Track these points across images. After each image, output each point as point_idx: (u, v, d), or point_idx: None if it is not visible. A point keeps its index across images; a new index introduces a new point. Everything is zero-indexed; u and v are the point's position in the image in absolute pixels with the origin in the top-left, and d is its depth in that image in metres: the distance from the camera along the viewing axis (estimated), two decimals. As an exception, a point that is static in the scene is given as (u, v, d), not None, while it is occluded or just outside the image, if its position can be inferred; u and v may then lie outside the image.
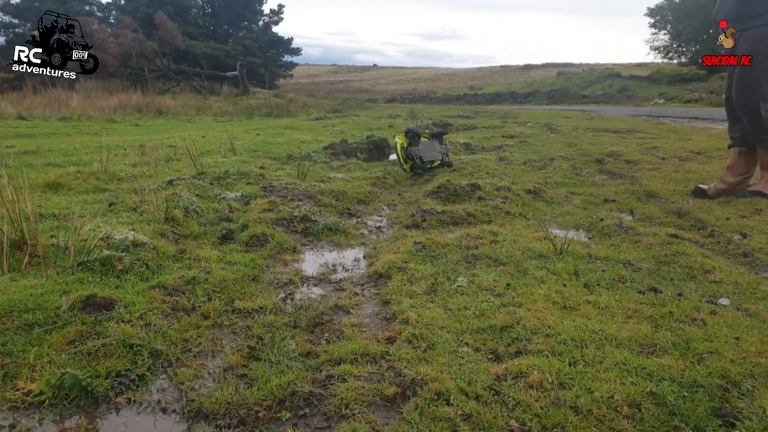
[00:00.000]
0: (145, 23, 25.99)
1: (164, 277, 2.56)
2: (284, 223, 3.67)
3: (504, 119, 14.25)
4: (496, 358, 1.96)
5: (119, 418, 1.69)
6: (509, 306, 2.35)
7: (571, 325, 2.14)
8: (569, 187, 5.10)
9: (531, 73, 49.23)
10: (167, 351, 2.01)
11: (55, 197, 3.80)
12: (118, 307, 2.20)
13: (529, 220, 3.90)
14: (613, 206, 4.33)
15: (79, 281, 2.39)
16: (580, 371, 1.78)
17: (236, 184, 4.59)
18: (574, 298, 2.42)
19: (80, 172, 4.57)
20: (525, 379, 1.75)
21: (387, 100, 36.41)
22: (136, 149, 6.40)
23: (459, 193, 4.45)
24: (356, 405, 1.71)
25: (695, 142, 8.06)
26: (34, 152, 6.15)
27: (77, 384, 1.71)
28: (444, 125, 11.47)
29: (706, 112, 15.83)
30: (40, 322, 2.05)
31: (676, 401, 1.57)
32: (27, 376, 1.77)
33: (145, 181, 4.48)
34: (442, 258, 3.04)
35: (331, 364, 1.95)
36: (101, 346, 1.93)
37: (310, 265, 3.12)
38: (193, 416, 1.69)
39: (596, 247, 3.19)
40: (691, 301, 2.33)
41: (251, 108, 19.12)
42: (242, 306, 2.43)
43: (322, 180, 5.15)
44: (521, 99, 31.64)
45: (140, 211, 3.49)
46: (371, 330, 2.27)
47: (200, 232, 3.38)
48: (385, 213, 4.45)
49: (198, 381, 1.88)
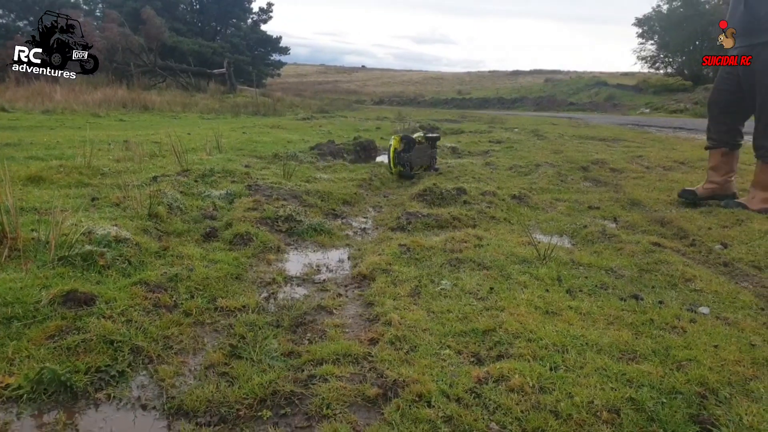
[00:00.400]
0: (131, 17, 25.68)
1: (146, 273, 2.53)
2: (269, 223, 3.65)
3: (491, 124, 14.36)
4: (477, 361, 1.97)
5: (98, 414, 1.66)
6: (492, 310, 2.37)
7: (552, 330, 2.16)
8: (554, 194, 5.16)
9: (519, 79, 49.70)
10: (148, 348, 1.99)
11: (37, 191, 3.74)
12: (99, 303, 2.17)
13: (513, 225, 3.93)
14: (597, 213, 4.38)
15: (59, 276, 2.35)
16: (561, 376, 1.80)
17: (221, 182, 4.55)
18: (557, 303, 2.45)
19: (63, 166, 4.49)
20: (506, 383, 1.76)
21: (375, 102, 36.45)
22: (121, 145, 6.32)
23: (445, 197, 4.47)
24: (337, 405, 1.70)
25: (680, 151, 8.20)
26: (15, 145, 6.03)
27: (56, 379, 1.69)
28: (432, 129, 11.51)
29: (690, 122, 16.14)
30: (20, 316, 2.01)
31: (655, 407, 1.59)
32: (5, 370, 1.74)
33: (129, 176, 4.42)
34: (426, 261, 3.05)
35: (313, 364, 1.94)
36: (81, 342, 1.90)
37: (294, 265, 3.11)
38: (173, 413, 1.67)
39: (579, 254, 3.23)
40: (671, 308, 2.37)
41: (238, 106, 18.98)
42: (225, 304, 2.41)
43: (307, 180, 5.13)
44: (509, 104, 31.93)
45: (123, 207, 3.45)
46: (354, 331, 2.26)
47: (184, 229, 3.34)
48: (371, 215, 4.45)
49: (179, 378, 1.86)
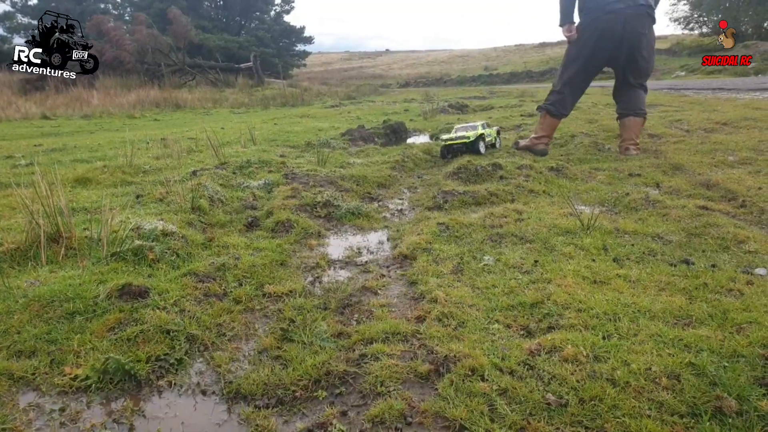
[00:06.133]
0: (158, 18, 26.18)
1: (195, 264, 2.61)
2: (308, 209, 3.69)
3: (521, 98, 14.05)
4: (528, 334, 1.95)
5: (162, 400, 1.73)
6: (538, 282, 2.34)
7: (602, 299, 2.12)
8: (592, 163, 5.02)
9: (546, 50, 48.23)
10: (202, 335, 2.06)
11: (85, 191, 3.89)
12: (152, 295, 2.25)
13: (553, 198, 3.86)
14: (639, 180, 4.25)
15: (113, 271, 2.45)
16: (615, 344, 1.77)
17: (258, 172, 4.62)
18: (604, 272, 2.40)
19: (107, 167, 4.66)
20: (559, 354, 1.75)
21: (401, 85, 36.15)
22: (158, 143, 6.49)
23: (480, 173, 4.42)
24: (391, 382, 1.72)
25: (721, 113, 7.83)
26: (60, 149, 6.28)
27: (120, 368, 1.77)
28: (461, 107, 11.36)
29: (730, 82, 15.35)
30: (81, 310, 2.11)
31: (717, 371, 1.54)
32: (72, 362, 1.83)
33: (169, 172, 4.54)
34: (466, 238, 3.03)
35: (364, 344, 1.97)
36: (140, 332, 1.98)
37: (336, 249, 3.14)
38: (232, 397, 1.73)
39: (623, 222, 3.15)
40: (725, 272, 2.29)
41: (267, 98, 19.19)
42: (272, 290, 2.46)
43: (341, 166, 5.16)
44: (537, 77, 31.07)
45: (167, 202, 3.55)
46: (400, 310, 2.28)
47: (226, 220, 3.42)
48: (406, 196, 4.44)
49: (234, 363, 1.92)
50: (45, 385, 1.74)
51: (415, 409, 1.58)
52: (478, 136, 5.41)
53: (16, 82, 17.59)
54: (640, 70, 5.26)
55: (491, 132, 5.77)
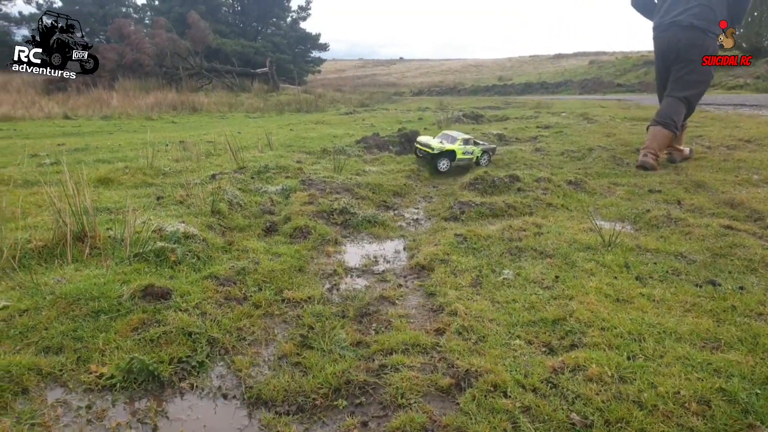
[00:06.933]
0: (178, 23, 26.51)
1: (215, 267, 2.62)
2: (324, 216, 3.70)
3: (537, 109, 13.99)
4: (550, 351, 1.93)
5: (184, 402, 1.73)
6: (560, 299, 2.32)
7: (626, 318, 2.09)
8: (611, 178, 4.98)
9: (562, 62, 48.09)
10: (223, 339, 2.06)
11: (107, 191, 3.93)
12: (174, 297, 2.26)
13: (572, 212, 3.83)
14: (659, 197, 4.20)
15: (136, 271, 2.47)
16: (641, 365, 1.74)
17: (276, 177, 4.64)
18: (627, 290, 2.37)
19: (128, 168, 4.70)
20: (583, 372, 1.72)
21: (414, 93, 36.17)
22: (177, 145, 6.55)
23: (497, 185, 4.40)
24: (412, 395, 1.71)
25: (744, 129, 7.73)
26: (83, 150, 6.35)
27: (145, 369, 1.78)
28: (475, 116, 11.35)
29: (752, 98, 15.16)
30: (105, 309, 2.13)
31: (749, 398, 1.51)
32: (98, 360, 1.84)
33: (188, 175, 4.58)
34: (484, 250, 3.02)
35: (383, 354, 1.96)
36: (162, 333, 1.99)
37: (352, 257, 3.14)
38: (252, 402, 1.73)
39: (645, 239, 3.11)
40: (754, 294, 2.25)
41: (281, 104, 19.31)
42: (291, 296, 2.46)
43: (357, 173, 5.16)
44: (553, 89, 30.97)
45: (187, 205, 3.57)
46: (419, 321, 2.27)
47: (245, 224, 3.44)
48: (422, 205, 4.43)
49: (254, 368, 1.92)
50: (72, 382, 1.75)
51: (437, 423, 1.57)
52: (443, 151, 5.35)
53: (40, 83, 17.90)
54: (678, 81, 5.41)
55: (474, 150, 5.61)
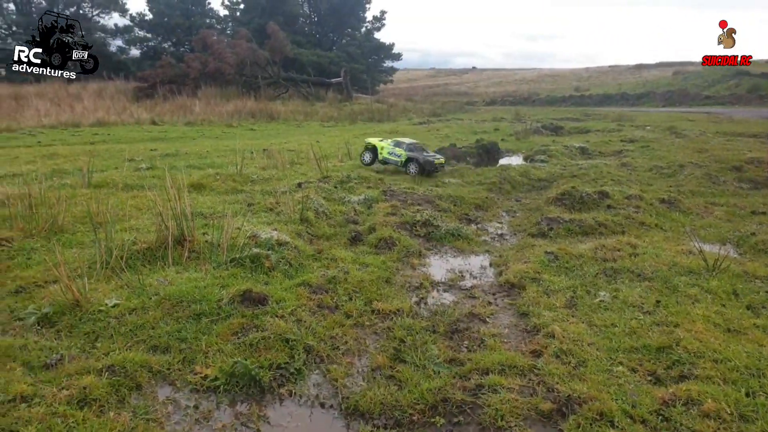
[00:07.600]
0: (257, 33, 27.70)
1: (307, 275, 2.70)
2: (407, 227, 3.72)
3: (619, 122, 13.37)
4: (656, 381, 1.84)
5: (284, 408, 1.80)
6: (663, 325, 2.20)
7: (740, 350, 1.95)
8: (707, 197, 4.68)
9: (643, 73, 45.67)
10: (318, 347, 2.12)
11: (200, 197, 4.17)
12: (270, 303, 2.36)
13: (667, 232, 3.62)
14: (764, 219, 3.90)
15: (233, 276, 2.59)
16: (763, 404, 1.62)
17: (358, 187, 4.74)
18: (738, 320, 2.21)
19: (219, 174, 4.97)
20: (698, 407, 1.62)
21: (486, 103, 35.68)
22: (261, 153, 6.84)
23: (585, 201, 4.25)
24: (511, 417, 1.68)
25: None
26: (173, 155, 6.79)
27: (247, 373, 1.86)
28: (555, 128, 11.06)
29: None
30: (207, 312, 2.25)
31: None
32: (202, 361, 1.95)
33: (275, 183, 4.77)
34: (577, 270, 2.92)
35: (479, 373, 1.94)
36: (261, 339, 2.07)
37: (437, 270, 3.14)
38: (350, 413, 1.76)
39: (753, 265, 2.89)
40: None
41: (354, 113, 19.72)
42: (380, 307, 2.49)
43: (436, 184, 5.16)
44: (633, 101, 29.48)
45: (276, 212, 3.72)
46: (513, 341, 2.23)
47: (331, 233, 3.53)
48: (505, 219, 4.36)
49: (349, 379, 1.96)
50: (179, 381, 1.87)
51: (541, 449, 1.53)
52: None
53: (131, 90, 19.38)
54: None
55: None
